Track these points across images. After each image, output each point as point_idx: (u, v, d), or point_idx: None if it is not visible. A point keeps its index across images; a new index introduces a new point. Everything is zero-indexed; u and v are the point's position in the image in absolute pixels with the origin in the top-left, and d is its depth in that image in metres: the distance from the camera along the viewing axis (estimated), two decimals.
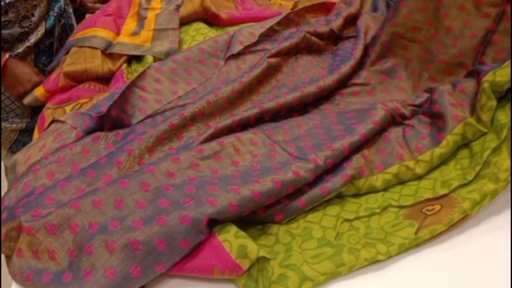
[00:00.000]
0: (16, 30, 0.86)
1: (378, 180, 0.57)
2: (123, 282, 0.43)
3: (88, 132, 0.60)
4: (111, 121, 0.62)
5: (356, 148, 0.59)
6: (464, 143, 0.61)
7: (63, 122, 0.62)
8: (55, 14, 0.93)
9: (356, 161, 0.58)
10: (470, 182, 0.55)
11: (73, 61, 0.76)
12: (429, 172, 0.59)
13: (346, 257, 0.47)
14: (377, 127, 0.61)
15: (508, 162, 0.53)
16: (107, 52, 0.79)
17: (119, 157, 0.55)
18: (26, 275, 0.46)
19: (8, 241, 0.50)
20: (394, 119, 0.65)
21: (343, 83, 0.73)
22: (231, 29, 0.84)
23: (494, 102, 0.59)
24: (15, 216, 0.49)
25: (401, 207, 0.54)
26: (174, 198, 0.48)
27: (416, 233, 0.49)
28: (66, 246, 0.46)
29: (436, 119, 0.63)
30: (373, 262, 0.48)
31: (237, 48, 0.77)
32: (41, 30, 0.91)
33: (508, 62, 0.59)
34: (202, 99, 0.64)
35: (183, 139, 0.61)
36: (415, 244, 0.49)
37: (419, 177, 0.59)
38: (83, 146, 0.58)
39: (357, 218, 0.53)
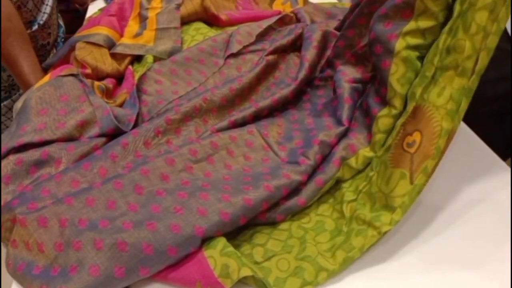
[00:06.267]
0: None
1: (370, 149, 0.55)
2: (106, 281, 0.43)
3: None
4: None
5: (343, 135, 0.59)
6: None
7: (91, 103, 0.61)
8: (62, 40, 0.92)
9: (344, 142, 0.57)
10: (434, 79, 0.46)
11: (83, 56, 0.75)
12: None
13: (355, 240, 0.47)
14: (352, 103, 0.60)
15: (469, 44, 0.43)
16: (110, 52, 0.79)
17: (114, 150, 0.55)
18: (19, 266, 0.46)
19: (4, 232, 0.50)
20: (362, 82, 0.61)
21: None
22: (230, 29, 0.84)
23: None
24: (11, 207, 0.50)
25: (386, 150, 0.51)
26: (165, 205, 0.48)
27: (411, 182, 0.47)
28: (54, 239, 0.47)
29: (373, 48, 0.55)
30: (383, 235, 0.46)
31: (235, 47, 0.77)
32: None
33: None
34: (198, 96, 0.65)
35: (180, 133, 0.61)
36: (416, 194, 0.46)
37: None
38: (96, 142, 0.58)
39: (360, 192, 0.52)
